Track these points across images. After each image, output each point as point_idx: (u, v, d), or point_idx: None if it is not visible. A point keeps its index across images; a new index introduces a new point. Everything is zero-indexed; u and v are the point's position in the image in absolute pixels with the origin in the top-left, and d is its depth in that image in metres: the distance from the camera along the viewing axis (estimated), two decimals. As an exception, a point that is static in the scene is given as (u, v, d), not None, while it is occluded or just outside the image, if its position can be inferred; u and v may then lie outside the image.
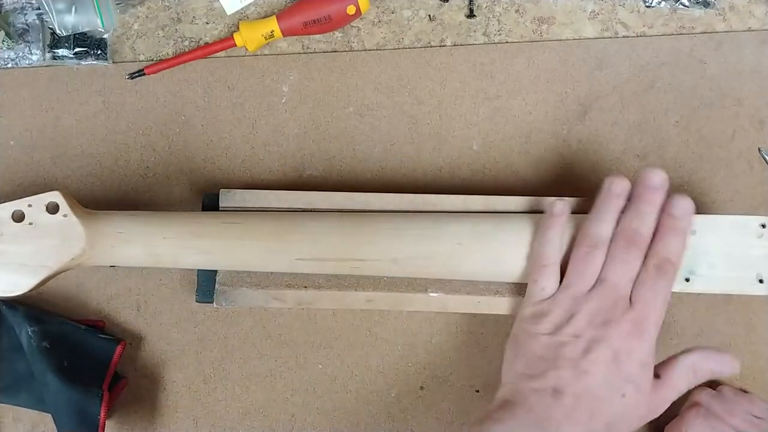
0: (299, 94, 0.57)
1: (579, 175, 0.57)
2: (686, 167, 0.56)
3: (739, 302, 0.56)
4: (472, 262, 0.49)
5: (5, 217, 0.49)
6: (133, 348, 0.57)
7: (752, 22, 0.57)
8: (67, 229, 0.49)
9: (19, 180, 0.57)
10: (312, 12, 0.54)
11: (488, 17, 0.57)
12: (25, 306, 0.55)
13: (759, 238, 0.48)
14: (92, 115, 0.57)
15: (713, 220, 0.49)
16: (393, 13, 0.57)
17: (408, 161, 0.57)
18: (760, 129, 0.56)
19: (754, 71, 0.56)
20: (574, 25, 0.57)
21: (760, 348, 0.56)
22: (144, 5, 0.57)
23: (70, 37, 0.56)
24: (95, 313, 0.57)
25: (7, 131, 0.57)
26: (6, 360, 0.54)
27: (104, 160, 0.57)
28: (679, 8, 0.57)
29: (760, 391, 0.56)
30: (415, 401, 0.56)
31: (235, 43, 0.55)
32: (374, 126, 0.57)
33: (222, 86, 0.57)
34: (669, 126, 0.57)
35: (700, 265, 0.49)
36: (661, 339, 0.56)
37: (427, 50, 0.57)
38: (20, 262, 0.49)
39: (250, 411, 0.57)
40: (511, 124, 0.57)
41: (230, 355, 0.57)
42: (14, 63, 0.57)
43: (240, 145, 0.57)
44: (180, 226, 0.50)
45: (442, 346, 0.56)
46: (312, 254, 0.50)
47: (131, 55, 0.57)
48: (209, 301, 0.53)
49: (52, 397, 0.52)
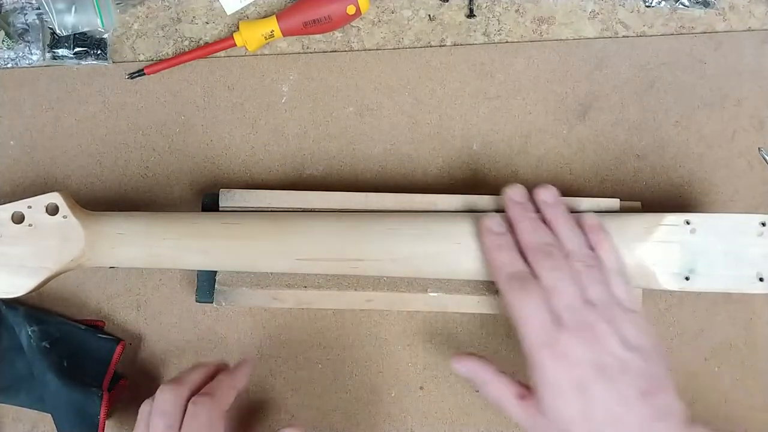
0: (299, 94, 0.57)
1: (579, 175, 0.57)
2: (686, 167, 0.56)
3: (739, 302, 0.56)
4: (472, 262, 0.49)
5: (5, 218, 0.49)
6: (133, 348, 0.57)
7: (752, 22, 0.57)
8: (67, 231, 0.49)
9: (19, 180, 0.57)
10: (312, 12, 0.53)
11: (488, 17, 0.57)
12: (25, 306, 0.55)
13: (759, 237, 0.48)
14: (92, 115, 0.57)
15: (713, 218, 0.49)
16: (393, 13, 0.57)
17: (408, 161, 0.57)
18: (760, 129, 0.56)
19: (754, 71, 0.56)
20: (574, 25, 0.57)
21: (760, 348, 0.56)
22: (144, 5, 0.57)
23: (70, 37, 0.56)
24: (95, 313, 0.57)
25: (7, 131, 0.57)
26: (6, 360, 0.54)
27: (104, 160, 0.57)
28: (679, 8, 0.57)
29: (760, 390, 0.56)
30: (415, 401, 0.56)
31: (235, 43, 0.55)
32: (374, 126, 0.57)
33: (222, 86, 0.57)
34: (669, 126, 0.57)
35: (700, 264, 0.49)
36: (661, 339, 0.56)
37: (427, 50, 0.57)
38: (20, 263, 0.49)
39: (250, 410, 0.57)
40: (511, 124, 0.57)
41: (230, 355, 0.57)
42: (14, 63, 0.57)
43: (240, 145, 0.57)
44: (180, 227, 0.50)
45: (442, 346, 0.56)
46: (312, 254, 0.50)
47: (131, 55, 0.57)
48: (209, 301, 0.53)
49: (52, 398, 0.52)
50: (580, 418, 0.42)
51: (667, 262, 0.48)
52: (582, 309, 0.44)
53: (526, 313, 0.44)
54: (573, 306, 0.44)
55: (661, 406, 0.42)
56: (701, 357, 0.56)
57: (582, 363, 0.43)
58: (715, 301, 0.56)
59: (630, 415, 0.42)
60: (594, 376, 0.42)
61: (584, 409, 0.42)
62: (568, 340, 0.43)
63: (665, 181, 0.56)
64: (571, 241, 0.47)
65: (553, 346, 0.43)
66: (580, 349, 0.43)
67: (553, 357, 0.43)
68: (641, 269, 0.49)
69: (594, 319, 0.44)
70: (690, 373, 0.56)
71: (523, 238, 0.47)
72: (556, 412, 0.43)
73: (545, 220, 0.48)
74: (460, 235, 0.49)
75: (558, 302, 0.44)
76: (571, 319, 0.44)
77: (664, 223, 0.49)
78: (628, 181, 0.56)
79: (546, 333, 0.44)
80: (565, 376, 0.43)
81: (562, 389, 0.43)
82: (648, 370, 0.43)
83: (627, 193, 0.56)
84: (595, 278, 0.45)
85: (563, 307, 0.44)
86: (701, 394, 0.56)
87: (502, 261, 0.47)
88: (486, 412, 0.56)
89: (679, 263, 0.48)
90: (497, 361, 0.56)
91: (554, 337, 0.43)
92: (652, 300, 0.56)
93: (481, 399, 0.56)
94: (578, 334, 0.43)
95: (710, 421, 0.56)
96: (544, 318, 0.44)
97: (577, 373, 0.43)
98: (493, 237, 0.48)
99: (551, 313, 0.44)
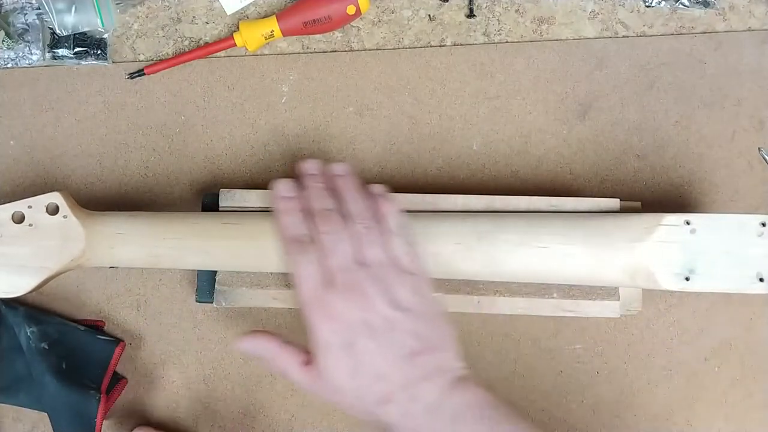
0: (299, 94, 0.57)
1: (579, 175, 0.57)
2: (686, 167, 0.56)
3: (739, 302, 0.56)
4: (472, 262, 0.49)
5: (5, 218, 0.49)
6: (133, 348, 0.57)
7: (752, 22, 0.57)
8: (67, 231, 0.49)
9: (19, 180, 0.57)
10: (312, 12, 0.53)
11: (488, 17, 0.57)
12: (25, 306, 0.55)
13: (759, 237, 0.48)
14: (92, 115, 0.57)
15: (713, 219, 0.49)
16: (393, 13, 0.57)
17: (408, 161, 0.57)
18: (760, 129, 0.56)
19: (753, 71, 0.56)
20: (574, 25, 0.57)
21: (760, 348, 0.56)
22: (144, 5, 0.57)
23: (70, 37, 0.56)
24: (95, 313, 0.57)
25: (7, 131, 0.57)
26: (6, 360, 0.54)
27: (104, 160, 0.57)
28: (679, 8, 0.57)
29: (760, 390, 0.56)
30: (415, 401, 0.56)
31: (235, 43, 0.55)
32: (374, 126, 0.57)
33: (222, 86, 0.57)
34: (669, 126, 0.57)
35: (700, 264, 0.49)
36: (661, 339, 0.56)
37: (427, 50, 0.57)
38: (20, 263, 0.49)
39: (250, 411, 0.57)
40: (511, 124, 0.57)
41: (230, 355, 0.57)
42: (14, 63, 0.57)
43: (240, 145, 0.57)
44: (180, 227, 0.50)
45: (442, 346, 0.56)
46: (312, 254, 0.50)
47: (131, 55, 0.57)
48: (209, 301, 0.53)
49: (50, 399, 0.52)
50: (348, 376, 0.43)
51: (667, 262, 0.48)
52: (354, 270, 0.45)
53: (299, 274, 0.45)
54: (345, 266, 0.45)
55: (429, 366, 0.43)
56: (701, 357, 0.56)
57: (349, 322, 0.44)
58: (715, 302, 0.56)
59: (396, 374, 0.43)
60: (360, 335, 0.43)
61: (352, 368, 0.43)
62: (337, 300, 0.44)
63: (665, 181, 0.56)
64: (355, 205, 0.48)
65: (323, 306, 0.44)
66: (347, 308, 0.44)
67: (323, 316, 0.44)
68: (641, 269, 0.48)
69: (365, 279, 0.45)
70: (690, 373, 0.56)
71: (308, 204, 0.48)
72: (327, 371, 0.44)
73: (335, 190, 0.49)
74: (460, 235, 0.49)
75: (331, 263, 0.45)
76: (342, 279, 0.44)
77: (664, 223, 0.49)
78: (628, 181, 0.56)
79: (317, 293, 0.44)
80: (333, 336, 0.44)
81: (331, 348, 0.44)
82: (418, 330, 0.44)
83: (627, 193, 0.56)
84: (373, 240, 0.46)
85: (336, 268, 0.45)
86: (701, 394, 0.56)
87: (284, 224, 0.47)
88: (486, 412, 0.56)
89: (679, 263, 0.48)
90: (497, 361, 0.56)
91: (323, 298, 0.44)
92: (652, 300, 0.56)
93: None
94: (347, 294, 0.44)
95: (710, 420, 0.56)
96: (316, 279, 0.45)
97: (345, 332, 0.43)
98: (281, 201, 0.48)
99: (324, 275, 0.45)
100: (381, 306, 0.44)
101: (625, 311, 0.52)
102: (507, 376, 0.56)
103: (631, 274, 0.49)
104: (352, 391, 0.43)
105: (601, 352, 0.56)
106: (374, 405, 0.43)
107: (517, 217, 0.50)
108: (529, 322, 0.56)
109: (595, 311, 0.52)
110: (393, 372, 0.43)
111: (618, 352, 0.56)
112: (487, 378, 0.56)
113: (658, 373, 0.56)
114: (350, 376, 0.43)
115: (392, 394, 0.43)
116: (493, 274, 0.50)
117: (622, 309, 0.52)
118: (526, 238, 0.49)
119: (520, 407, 0.56)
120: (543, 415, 0.56)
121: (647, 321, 0.56)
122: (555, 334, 0.56)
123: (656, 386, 0.56)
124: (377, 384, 0.43)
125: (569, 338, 0.56)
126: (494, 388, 0.55)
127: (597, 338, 0.56)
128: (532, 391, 0.56)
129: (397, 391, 0.43)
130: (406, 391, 0.43)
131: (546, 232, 0.49)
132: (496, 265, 0.49)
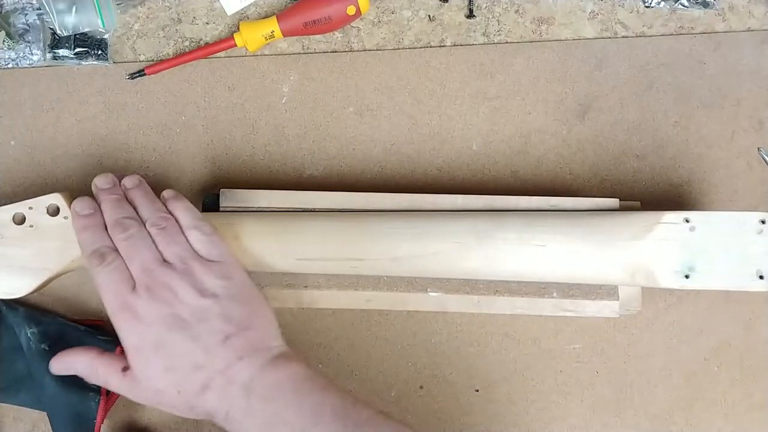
0: (299, 95, 0.57)
1: (578, 175, 0.57)
2: (685, 167, 0.57)
3: (739, 301, 0.56)
4: (472, 262, 0.49)
5: (6, 219, 0.49)
6: (134, 348, 0.57)
7: (752, 22, 0.57)
8: (68, 232, 0.49)
9: (20, 180, 0.57)
10: (312, 12, 0.54)
11: (488, 17, 0.57)
12: (25, 307, 0.55)
13: (758, 234, 0.48)
14: (92, 115, 0.57)
15: (712, 216, 0.49)
16: (393, 14, 0.57)
17: (408, 161, 0.57)
18: (760, 129, 0.57)
19: (753, 71, 0.57)
20: (573, 26, 0.57)
21: (760, 347, 0.56)
22: (144, 5, 0.57)
23: (71, 37, 0.56)
24: (95, 313, 0.57)
25: (7, 131, 0.57)
26: (6, 360, 0.54)
27: (104, 160, 0.57)
28: (678, 8, 0.57)
29: (760, 390, 0.56)
30: (415, 401, 0.56)
31: (236, 44, 0.55)
32: (374, 126, 0.57)
33: (222, 86, 0.57)
34: (668, 126, 0.57)
35: (700, 262, 0.49)
36: (661, 338, 0.56)
37: (427, 50, 0.57)
38: (21, 264, 0.49)
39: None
40: (511, 124, 0.57)
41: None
42: (15, 63, 0.57)
43: (240, 145, 0.57)
44: (180, 226, 0.50)
45: (442, 346, 0.56)
46: (312, 254, 0.50)
47: (132, 56, 0.57)
48: (209, 301, 0.53)
49: (50, 400, 0.52)
50: (164, 373, 0.44)
51: (666, 260, 0.48)
52: (156, 270, 0.46)
53: (102, 284, 0.46)
54: (147, 268, 0.46)
55: (244, 345, 0.44)
56: (701, 357, 0.56)
57: (156, 321, 0.44)
58: (714, 301, 0.56)
59: (213, 360, 0.44)
60: (169, 330, 0.44)
61: (166, 365, 0.44)
62: (141, 302, 0.45)
63: (664, 181, 0.57)
64: (146, 210, 0.48)
65: (128, 310, 0.45)
66: (152, 308, 0.44)
67: (130, 321, 0.45)
68: (641, 268, 0.49)
69: (168, 276, 0.45)
70: (690, 373, 0.56)
71: (106, 218, 0.48)
72: (143, 374, 0.44)
73: (130, 201, 0.49)
74: (460, 235, 0.49)
75: (134, 268, 0.46)
76: (144, 281, 0.45)
77: (663, 222, 0.49)
78: (628, 181, 0.57)
79: (121, 299, 0.45)
80: (141, 338, 0.44)
81: (142, 351, 0.44)
82: (229, 313, 0.45)
83: (626, 193, 0.56)
84: (169, 239, 0.47)
85: (139, 272, 0.46)
86: (701, 394, 0.56)
87: (84, 240, 0.48)
88: (486, 412, 0.56)
89: (678, 261, 0.48)
90: (497, 361, 0.56)
91: (128, 302, 0.45)
92: (651, 299, 0.56)
93: (481, 399, 0.56)
94: (151, 294, 0.45)
95: (709, 420, 0.56)
96: (118, 285, 0.45)
97: (153, 332, 0.44)
98: (80, 219, 0.48)
99: (127, 281, 0.45)
100: (188, 297, 0.45)
101: (624, 311, 0.53)
102: (507, 376, 0.56)
103: (630, 273, 0.49)
104: (172, 387, 0.44)
105: (601, 352, 0.57)
106: (195, 396, 0.44)
107: (516, 216, 0.50)
108: (529, 321, 0.56)
109: (594, 311, 0.53)
110: (209, 359, 0.44)
111: (618, 351, 0.56)
112: (487, 378, 0.56)
113: (658, 373, 0.56)
114: (166, 373, 0.44)
115: (211, 381, 0.43)
116: (492, 273, 0.50)
117: (622, 309, 0.52)
118: (525, 237, 0.49)
119: (520, 407, 0.56)
120: (543, 415, 0.56)
121: (647, 321, 0.56)
122: (555, 333, 0.56)
123: (656, 386, 0.56)
124: (195, 374, 0.44)
125: (569, 338, 0.56)
126: (494, 388, 0.55)
127: (597, 338, 0.56)
128: (532, 391, 0.56)
129: (215, 376, 0.43)
130: (223, 374, 0.43)
131: (545, 230, 0.49)
132: (496, 264, 0.49)
